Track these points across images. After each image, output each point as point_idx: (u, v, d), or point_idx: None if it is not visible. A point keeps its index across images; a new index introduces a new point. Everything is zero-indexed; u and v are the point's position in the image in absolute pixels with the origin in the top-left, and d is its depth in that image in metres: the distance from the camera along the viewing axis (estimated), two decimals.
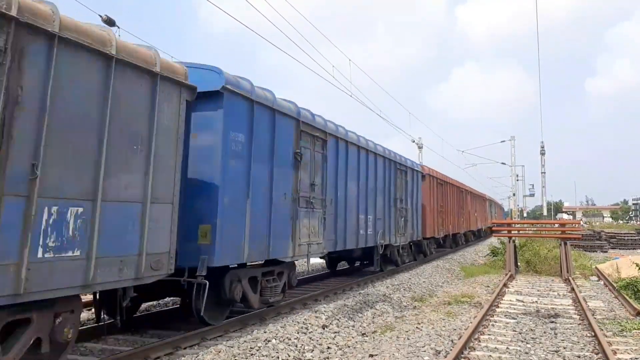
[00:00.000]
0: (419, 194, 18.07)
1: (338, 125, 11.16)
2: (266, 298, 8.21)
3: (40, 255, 4.24)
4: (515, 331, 7.98)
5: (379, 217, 13.67)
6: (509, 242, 17.27)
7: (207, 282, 6.45)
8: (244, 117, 7.50)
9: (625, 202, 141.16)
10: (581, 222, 36.35)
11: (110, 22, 7.38)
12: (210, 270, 6.66)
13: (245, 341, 6.42)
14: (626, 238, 33.91)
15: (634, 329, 8.27)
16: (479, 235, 38.24)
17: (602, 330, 8.08)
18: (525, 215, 51.00)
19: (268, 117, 8.14)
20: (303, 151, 9.05)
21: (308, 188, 9.24)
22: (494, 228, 21.23)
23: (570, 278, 14.70)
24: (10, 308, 4.21)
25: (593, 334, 7.73)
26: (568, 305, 10.61)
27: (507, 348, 6.89)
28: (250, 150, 7.55)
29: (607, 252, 29.52)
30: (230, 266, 7.31)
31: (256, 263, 8.18)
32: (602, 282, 14.63)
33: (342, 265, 16.59)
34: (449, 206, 23.91)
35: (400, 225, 15.56)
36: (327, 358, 6.24)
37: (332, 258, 14.88)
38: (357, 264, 16.63)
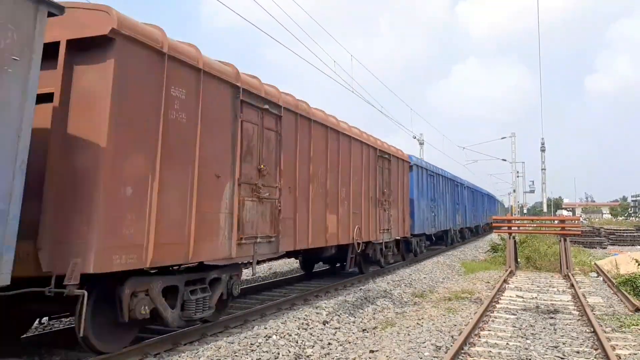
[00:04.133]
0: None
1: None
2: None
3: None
4: (515, 327, 8.00)
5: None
6: (509, 238, 17.29)
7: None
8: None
9: (625, 198, 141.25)
10: (581, 219, 36.38)
11: None
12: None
13: (245, 337, 6.44)
14: (625, 234, 33.93)
15: (633, 324, 8.29)
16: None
17: (601, 326, 8.09)
18: (525, 211, 51.05)
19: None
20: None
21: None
22: (494, 224, 21.25)
23: (569, 274, 14.72)
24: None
25: (592, 329, 7.74)
26: (567, 301, 10.63)
27: (507, 344, 6.90)
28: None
29: (606, 248, 29.56)
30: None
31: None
32: (601, 278, 14.65)
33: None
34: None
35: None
36: (328, 354, 6.25)
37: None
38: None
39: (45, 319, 7.63)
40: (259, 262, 8.47)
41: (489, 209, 43.54)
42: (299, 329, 7.11)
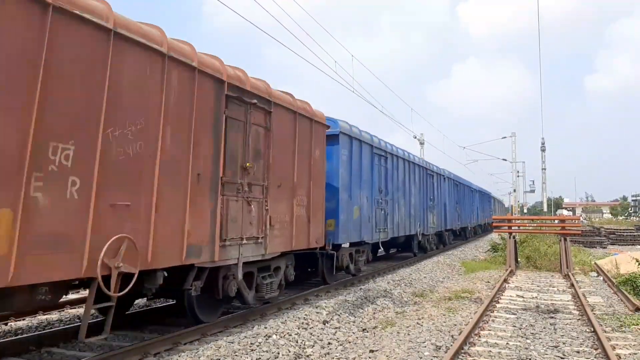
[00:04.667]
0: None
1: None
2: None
3: None
4: (515, 327, 7.99)
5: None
6: (510, 238, 17.29)
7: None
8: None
9: (625, 198, 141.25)
10: (581, 218, 36.38)
11: None
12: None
13: (245, 337, 6.44)
14: (625, 234, 33.92)
15: (633, 324, 8.28)
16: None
17: (601, 325, 8.09)
18: (525, 211, 51.06)
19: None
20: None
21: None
22: (494, 224, 21.26)
23: (570, 274, 14.72)
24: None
25: (592, 329, 7.74)
26: (568, 301, 10.62)
27: (507, 343, 6.90)
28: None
29: (606, 248, 29.55)
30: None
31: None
32: (601, 278, 14.65)
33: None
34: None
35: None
36: (328, 354, 6.25)
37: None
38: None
39: (44, 317, 7.65)
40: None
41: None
42: (299, 328, 7.11)
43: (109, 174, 5.05)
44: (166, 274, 5.99)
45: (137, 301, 8.80)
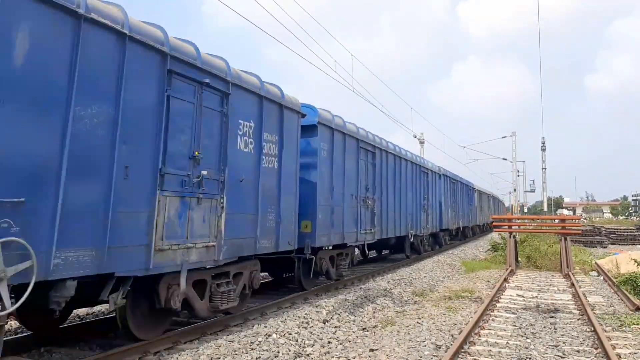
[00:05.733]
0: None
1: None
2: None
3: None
4: (515, 326, 7.99)
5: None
6: (510, 237, 17.29)
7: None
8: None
9: (625, 198, 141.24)
10: (581, 218, 36.36)
11: None
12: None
13: (245, 336, 6.44)
14: (626, 234, 33.94)
15: (633, 324, 8.28)
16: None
17: (601, 325, 8.09)
18: (526, 210, 51.03)
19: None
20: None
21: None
22: (494, 224, 21.25)
23: (570, 273, 14.71)
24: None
25: (592, 329, 7.74)
26: (568, 300, 10.62)
27: (507, 343, 6.90)
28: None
29: (606, 247, 29.56)
30: None
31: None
32: (601, 278, 14.65)
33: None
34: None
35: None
36: (328, 353, 6.25)
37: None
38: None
39: None
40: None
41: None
42: (299, 327, 7.11)
43: None
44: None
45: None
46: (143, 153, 5.57)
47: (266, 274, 11.61)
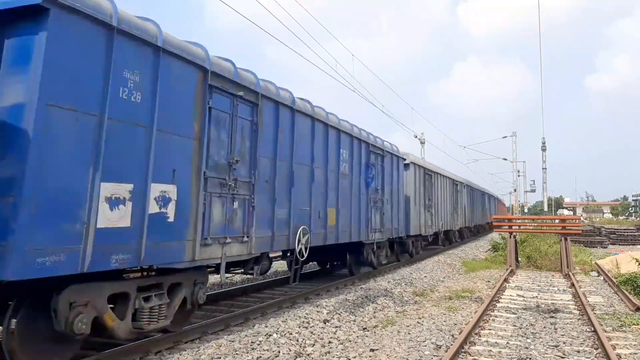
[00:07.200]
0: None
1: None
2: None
3: None
4: (515, 326, 8.00)
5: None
6: (510, 237, 17.30)
7: None
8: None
9: (625, 198, 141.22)
10: (581, 218, 36.39)
11: None
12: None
13: (246, 335, 6.45)
14: (626, 234, 33.95)
15: (633, 324, 8.29)
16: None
17: (601, 325, 8.10)
18: (526, 210, 51.03)
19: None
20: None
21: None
22: (494, 223, 21.27)
23: (570, 273, 14.73)
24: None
25: (593, 329, 7.75)
26: (568, 301, 10.63)
27: (508, 343, 6.91)
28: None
29: (607, 247, 29.56)
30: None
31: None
32: (602, 278, 14.65)
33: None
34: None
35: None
36: (328, 352, 6.26)
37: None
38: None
39: None
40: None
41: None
42: (299, 327, 7.12)
43: None
44: None
45: None
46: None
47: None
